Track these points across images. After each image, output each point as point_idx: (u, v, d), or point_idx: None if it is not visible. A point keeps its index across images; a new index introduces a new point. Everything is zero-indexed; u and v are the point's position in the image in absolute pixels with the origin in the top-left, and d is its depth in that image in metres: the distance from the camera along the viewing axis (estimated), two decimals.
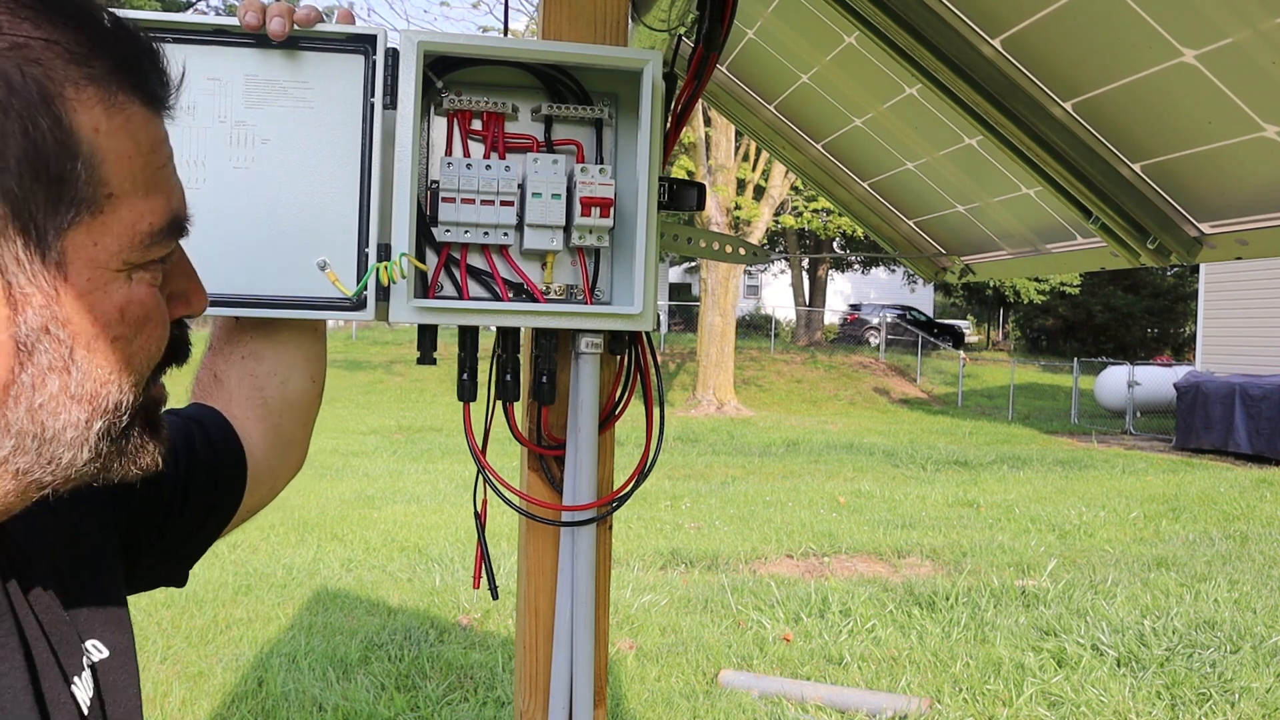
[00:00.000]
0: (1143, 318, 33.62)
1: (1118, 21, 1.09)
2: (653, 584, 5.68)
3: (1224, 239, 1.33)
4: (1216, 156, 1.19)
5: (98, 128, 0.54)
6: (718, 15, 1.20)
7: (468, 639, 4.66)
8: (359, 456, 10.77)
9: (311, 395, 1.07)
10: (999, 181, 1.63)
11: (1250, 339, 14.78)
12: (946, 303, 41.37)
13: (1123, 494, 9.45)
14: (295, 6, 0.99)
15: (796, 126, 2.03)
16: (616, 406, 1.27)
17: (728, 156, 17.75)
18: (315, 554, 6.23)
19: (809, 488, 9.45)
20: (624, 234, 1.15)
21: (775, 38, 1.76)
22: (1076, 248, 1.63)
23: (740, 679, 4.24)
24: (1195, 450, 13.49)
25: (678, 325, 29.80)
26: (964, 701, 4.12)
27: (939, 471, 10.87)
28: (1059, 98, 1.29)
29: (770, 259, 2.99)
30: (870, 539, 7.05)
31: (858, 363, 23.55)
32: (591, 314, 1.13)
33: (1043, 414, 18.98)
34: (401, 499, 8.19)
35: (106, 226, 0.55)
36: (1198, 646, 4.73)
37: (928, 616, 5.16)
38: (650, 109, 1.10)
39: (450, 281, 1.13)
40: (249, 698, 3.97)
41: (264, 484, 0.98)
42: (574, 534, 1.23)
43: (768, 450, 12.42)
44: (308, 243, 1.02)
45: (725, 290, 17.26)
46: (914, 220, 2.07)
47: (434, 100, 1.11)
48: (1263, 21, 0.96)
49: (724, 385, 17.37)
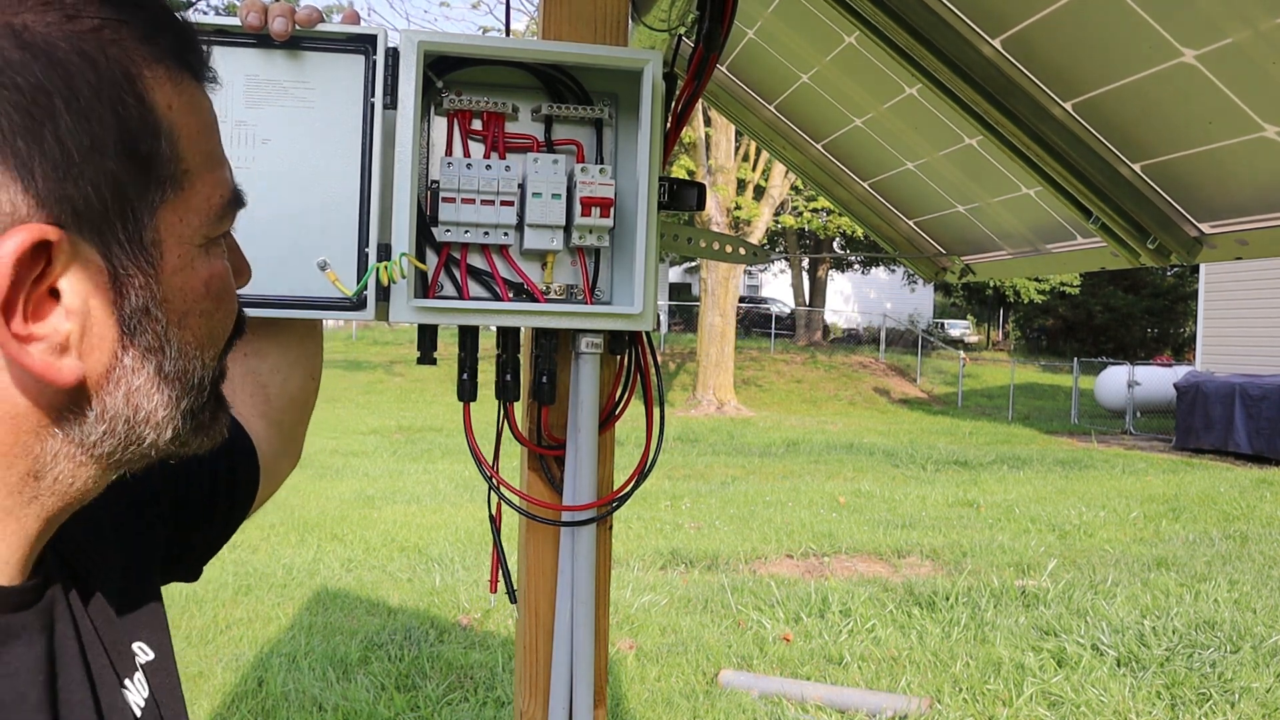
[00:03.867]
0: (1143, 318, 33.62)
1: (1118, 21, 1.09)
2: (653, 584, 5.68)
3: (1224, 239, 1.33)
4: (1216, 156, 1.19)
5: (170, 105, 0.54)
6: (718, 15, 1.20)
7: (468, 639, 4.66)
8: (359, 456, 10.77)
9: (310, 391, 1.07)
10: (999, 181, 1.63)
11: (1250, 339, 14.78)
12: (946, 303, 41.37)
13: (1123, 494, 9.45)
14: (296, 7, 1.00)
15: (796, 126, 2.03)
16: (616, 406, 1.27)
17: (728, 156, 17.75)
18: (315, 554, 6.23)
19: (809, 488, 9.45)
20: (624, 234, 1.15)
21: (775, 38, 1.76)
22: (1076, 248, 1.63)
23: (740, 679, 4.24)
24: (1195, 450, 13.48)
25: (678, 325, 29.80)
26: (964, 701, 4.12)
27: (939, 471, 10.87)
28: (1059, 98, 1.29)
29: (770, 259, 2.99)
30: (870, 539, 7.05)
31: (858, 363, 23.56)
32: (591, 314, 1.13)
33: (1043, 414, 18.98)
34: (401, 499, 8.19)
35: (188, 203, 0.56)
36: (1198, 646, 4.73)
37: (928, 616, 5.16)
38: (650, 109, 1.10)
39: (450, 281, 1.13)
40: (249, 698, 3.97)
41: (269, 480, 0.99)
42: (574, 534, 1.23)
43: (768, 450, 12.42)
44: (308, 243, 1.02)
45: (725, 290, 17.25)
46: (914, 220, 2.07)
47: (434, 100, 1.11)
48: (1263, 21, 0.96)
49: (724, 385, 17.37)
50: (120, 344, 0.53)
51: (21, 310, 0.49)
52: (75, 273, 0.50)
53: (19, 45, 0.48)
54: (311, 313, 1.02)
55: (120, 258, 0.52)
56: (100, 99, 0.50)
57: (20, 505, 0.54)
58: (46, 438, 0.53)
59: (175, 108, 0.54)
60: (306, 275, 1.02)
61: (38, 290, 0.49)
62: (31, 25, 0.48)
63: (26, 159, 0.48)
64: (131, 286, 0.53)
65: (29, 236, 0.48)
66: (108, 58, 0.51)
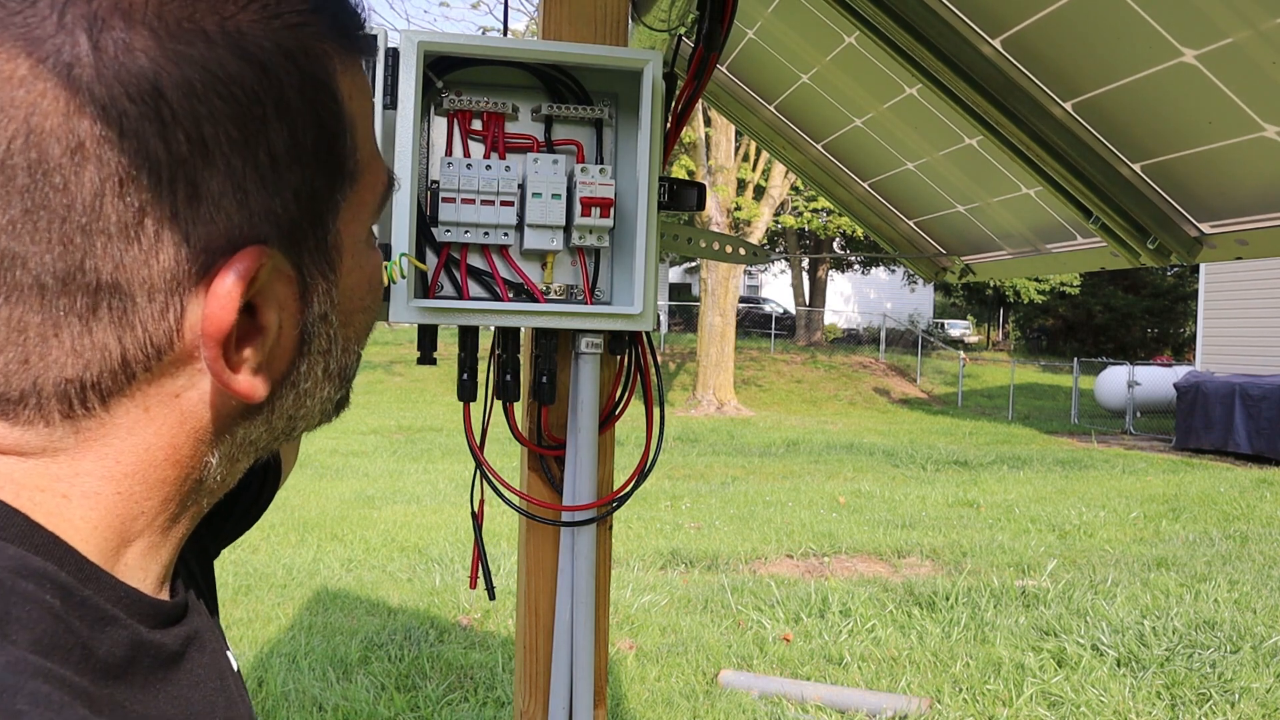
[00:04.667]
0: (1143, 318, 33.63)
1: (1118, 21, 1.09)
2: (653, 584, 5.68)
3: (1224, 239, 1.33)
4: (1216, 156, 1.19)
5: (350, 95, 0.51)
6: (718, 15, 1.20)
7: (468, 639, 4.66)
8: (359, 456, 10.77)
9: None
10: (999, 181, 1.63)
11: (1250, 339, 14.78)
12: (946, 303, 41.37)
13: (1123, 494, 9.45)
14: None
15: (796, 126, 2.03)
16: (616, 406, 1.27)
17: (728, 156, 17.75)
18: (315, 554, 6.23)
19: (809, 488, 9.45)
20: (624, 234, 1.15)
21: (775, 38, 1.76)
22: (1076, 248, 1.63)
23: (740, 679, 4.24)
24: (1195, 450, 13.49)
25: (678, 325, 29.81)
26: (964, 701, 4.12)
27: (939, 471, 10.88)
28: (1059, 98, 1.29)
29: (770, 259, 2.99)
30: (870, 539, 7.05)
31: (858, 363, 23.56)
32: (591, 314, 1.13)
33: (1043, 414, 18.98)
34: (401, 499, 8.19)
35: (361, 198, 0.53)
36: (1198, 646, 4.73)
37: (928, 616, 5.16)
38: (650, 109, 1.10)
39: (450, 281, 1.13)
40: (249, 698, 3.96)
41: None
42: (574, 534, 1.23)
43: (768, 450, 12.42)
44: None
45: (725, 290, 17.26)
46: (914, 220, 2.07)
47: (434, 100, 1.11)
48: (1263, 21, 0.96)
49: (724, 385, 17.37)
50: (298, 350, 0.51)
51: (235, 337, 0.47)
52: (273, 287, 0.48)
53: (235, 53, 0.44)
54: None
55: (309, 267, 0.50)
56: (305, 101, 0.47)
57: (185, 511, 0.53)
58: (219, 445, 0.52)
59: (354, 97, 0.51)
60: None
61: (242, 313, 0.47)
62: (245, 29, 0.45)
63: (240, 176, 0.45)
64: (316, 295, 0.51)
65: (250, 265, 0.45)
66: (308, 55, 0.48)
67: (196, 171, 0.44)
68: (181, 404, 0.49)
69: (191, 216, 0.44)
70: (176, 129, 0.43)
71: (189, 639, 0.54)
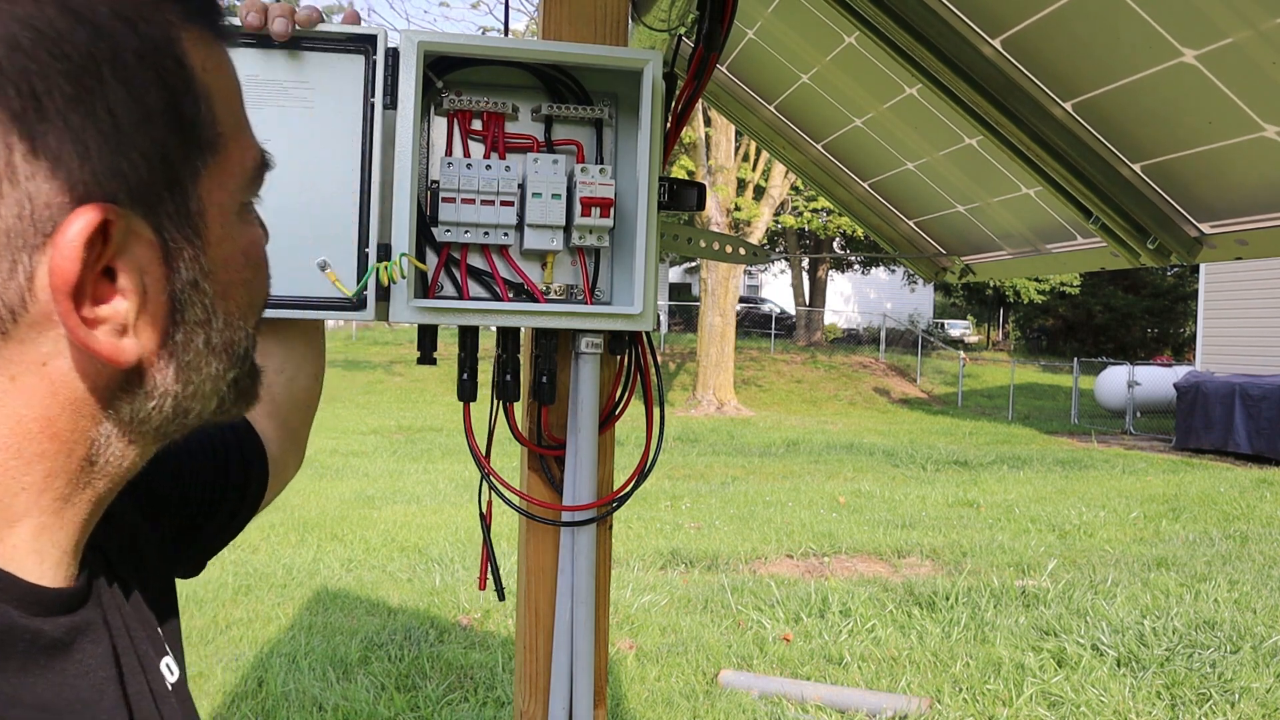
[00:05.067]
0: (1143, 318, 33.62)
1: (1118, 22, 1.09)
2: (653, 584, 5.68)
3: (1224, 239, 1.33)
4: (1216, 156, 1.20)
5: (205, 66, 0.52)
6: (718, 15, 1.20)
7: (468, 639, 4.66)
8: (359, 456, 10.77)
9: (314, 392, 1.07)
10: (999, 181, 1.63)
11: (1250, 339, 14.78)
12: (946, 303, 41.37)
13: (1123, 494, 9.45)
14: (296, 7, 1.00)
15: (796, 126, 2.03)
16: (616, 406, 1.27)
17: (728, 156, 17.75)
18: (315, 554, 6.23)
19: (809, 488, 9.45)
20: (624, 234, 1.15)
21: (775, 38, 1.76)
22: (1076, 248, 1.63)
23: (740, 679, 4.24)
24: (1195, 450, 13.48)
25: (678, 325, 29.80)
26: (964, 701, 4.12)
27: (939, 471, 10.87)
28: (1059, 98, 1.29)
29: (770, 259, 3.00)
30: (870, 539, 7.04)
31: (858, 363, 23.56)
32: (591, 314, 1.13)
33: (1043, 414, 18.98)
34: (401, 499, 8.19)
35: (226, 168, 0.54)
36: (1198, 646, 4.73)
37: (928, 616, 5.16)
38: (650, 109, 1.10)
39: (450, 281, 1.13)
40: (249, 698, 3.97)
41: (277, 479, 0.99)
42: (574, 534, 1.23)
43: (768, 450, 12.42)
44: (308, 243, 1.02)
45: (725, 290, 17.26)
46: (914, 220, 2.07)
47: (434, 100, 1.11)
48: (1263, 21, 0.96)
49: (724, 385, 17.37)
50: (171, 319, 0.52)
51: (89, 294, 0.47)
52: (131, 249, 0.49)
53: (64, 12, 0.45)
54: (312, 313, 1.02)
55: (170, 230, 0.51)
56: (144, 64, 0.48)
57: (77, 492, 0.53)
58: (102, 420, 0.52)
59: (209, 69, 0.52)
60: (307, 275, 1.02)
61: (96, 270, 0.48)
62: None
63: (80, 132, 0.46)
64: (181, 260, 0.51)
65: (94, 217, 0.46)
66: (146, 20, 0.49)
67: (31, 126, 0.45)
68: (50, 372, 0.49)
69: (30, 172, 0.45)
70: (6, 84, 0.44)
71: (79, 628, 0.53)
